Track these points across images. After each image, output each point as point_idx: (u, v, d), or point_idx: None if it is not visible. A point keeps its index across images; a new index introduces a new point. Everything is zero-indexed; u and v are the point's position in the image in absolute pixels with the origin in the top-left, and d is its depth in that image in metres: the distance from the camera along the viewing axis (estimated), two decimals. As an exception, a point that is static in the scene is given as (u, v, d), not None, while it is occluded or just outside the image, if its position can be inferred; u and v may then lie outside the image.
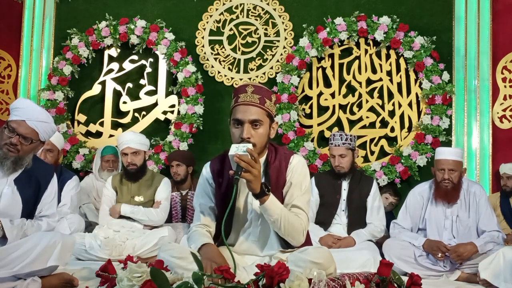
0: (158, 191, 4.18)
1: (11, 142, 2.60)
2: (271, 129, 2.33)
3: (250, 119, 2.24)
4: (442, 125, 5.14)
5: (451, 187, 3.62)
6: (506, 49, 5.33)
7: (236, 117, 2.26)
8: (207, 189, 2.43)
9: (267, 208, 2.21)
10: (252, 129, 2.24)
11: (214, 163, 2.45)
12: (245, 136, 2.21)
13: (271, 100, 2.31)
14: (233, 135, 2.28)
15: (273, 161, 2.36)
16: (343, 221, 3.95)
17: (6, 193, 2.67)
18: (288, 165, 2.37)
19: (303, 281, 1.87)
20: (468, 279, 3.46)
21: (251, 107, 2.25)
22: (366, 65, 5.43)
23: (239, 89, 2.31)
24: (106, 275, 2.13)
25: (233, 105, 2.31)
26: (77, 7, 5.85)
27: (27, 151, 2.67)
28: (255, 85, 2.32)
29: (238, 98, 2.29)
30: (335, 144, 3.97)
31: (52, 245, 2.58)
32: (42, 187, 2.80)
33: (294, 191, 2.35)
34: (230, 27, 5.66)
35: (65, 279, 2.71)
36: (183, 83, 5.49)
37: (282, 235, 2.29)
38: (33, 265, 2.52)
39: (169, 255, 2.20)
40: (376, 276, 2.00)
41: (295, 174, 2.37)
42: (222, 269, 1.89)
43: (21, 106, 2.68)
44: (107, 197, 4.15)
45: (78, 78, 5.75)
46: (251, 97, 2.26)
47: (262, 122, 2.26)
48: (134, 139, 4.09)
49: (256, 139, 2.24)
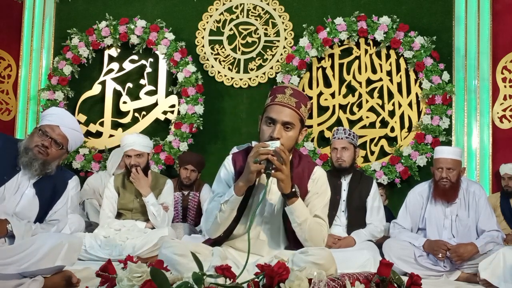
0: (164, 194, 4.17)
1: (42, 144, 2.65)
2: (300, 135, 2.34)
3: (284, 120, 2.25)
4: (442, 125, 5.14)
5: (449, 186, 3.62)
6: (506, 49, 5.34)
7: (270, 115, 2.26)
8: (229, 181, 2.40)
9: (294, 210, 2.23)
10: (283, 131, 2.25)
11: (238, 157, 2.43)
12: (275, 135, 2.22)
13: (306, 106, 2.33)
14: (262, 132, 2.28)
15: (297, 166, 2.37)
16: (342, 222, 3.95)
17: (27, 195, 2.71)
18: (311, 175, 2.39)
19: (303, 281, 1.87)
20: (468, 279, 3.46)
21: (286, 109, 2.26)
22: (366, 65, 5.44)
23: (278, 89, 2.33)
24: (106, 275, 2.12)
25: (268, 103, 2.31)
26: (77, 7, 5.85)
27: (55, 156, 2.73)
28: (294, 88, 2.34)
29: (275, 97, 2.30)
30: (338, 137, 3.97)
31: (59, 245, 2.60)
32: (58, 194, 2.86)
33: (316, 202, 2.37)
34: (230, 27, 5.66)
35: (67, 277, 2.75)
36: (183, 83, 5.49)
37: (303, 240, 2.30)
38: (39, 264, 2.55)
39: (170, 252, 2.19)
40: (376, 276, 2.00)
41: (319, 186, 2.38)
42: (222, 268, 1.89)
43: (55, 112, 2.78)
44: (109, 199, 4.14)
45: (78, 78, 5.75)
46: (288, 99, 2.27)
47: (294, 126, 2.27)
48: (139, 142, 4.09)
49: (285, 141, 2.24)
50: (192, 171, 4.64)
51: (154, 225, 4.05)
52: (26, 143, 2.69)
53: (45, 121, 2.73)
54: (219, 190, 2.40)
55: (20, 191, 2.71)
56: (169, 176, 4.65)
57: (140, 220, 4.10)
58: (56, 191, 2.84)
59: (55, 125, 2.69)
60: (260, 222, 2.38)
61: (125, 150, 4.12)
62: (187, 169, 4.66)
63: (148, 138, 4.23)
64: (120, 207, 4.13)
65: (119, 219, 4.10)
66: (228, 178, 2.40)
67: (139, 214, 4.11)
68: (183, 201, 4.67)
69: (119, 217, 4.12)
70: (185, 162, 4.71)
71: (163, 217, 4.02)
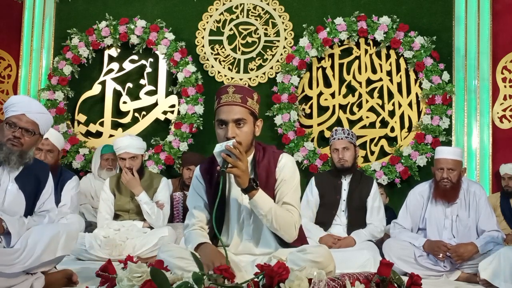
0: (159, 192, 4.17)
1: (14, 136, 2.61)
2: (256, 127, 2.37)
3: (234, 118, 2.27)
4: (442, 125, 5.14)
5: (450, 186, 3.62)
6: (506, 49, 5.34)
7: (220, 117, 2.29)
8: (200, 190, 2.46)
9: (256, 202, 2.24)
10: (236, 128, 2.27)
11: (204, 164, 2.50)
12: (230, 135, 2.25)
13: (253, 98, 2.35)
14: (218, 136, 2.32)
15: (262, 160, 2.39)
16: (343, 221, 3.94)
17: (10, 191, 2.69)
18: (278, 163, 2.40)
19: (303, 281, 1.87)
20: (468, 279, 3.46)
21: (233, 107, 2.29)
22: (366, 65, 5.44)
23: (221, 91, 2.35)
24: (106, 275, 2.13)
25: (216, 106, 2.35)
26: (77, 7, 5.85)
27: (30, 144, 2.68)
28: (236, 85, 2.36)
29: (220, 99, 2.33)
30: (338, 137, 3.97)
31: (56, 235, 2.62)
32: (42, 183, 2.82)
33: (284, 189, 2.38)
34: (230, 27, 5.66)
35: (68, 275, 2.78)
36: (183, 83, 5.49)
37: (274, 230, 2.31)
38: (42, 257, 2.56)
39: (168, 255, 2.20)
40: (376, 276, 2.00)
41: (285, 172, 2.39)
42: (221, 269, 1.89)
43: (17, 101, 2.70)
44: (105, 201, 4.13)
45: (78, 78, 5.75)
46: (232, 97, 2.30)
47: (246, 121, 2.30)
48: (132, 144, 4.07)
49: (241, 138, 2.27)
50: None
51: (150, 224, 4.05)
52: None
53: (9, 112, 2.67)
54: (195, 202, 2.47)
55: (2, 188, 2.67)
56: (169, 176, 4.65)
57: (137, 220, 4.10)
58: (39, 182, 2.80)
59: (21, 113, 2.64)
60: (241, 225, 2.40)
61: (118, 153, 4.11)
62: (190, 169, 4.66)
63: (141, 140, 4.22)
64: (117, 209, 4.13)
65: (116, 220, 4.10)
66: (199, 189, 2.47)
67: (136, 215, 4.10)
68: (184, 201, 4.66)
69: (116, 219, 4.12)
70: (189, 163, 4.72)
71: (158, 215, 4.02)
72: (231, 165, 2.15)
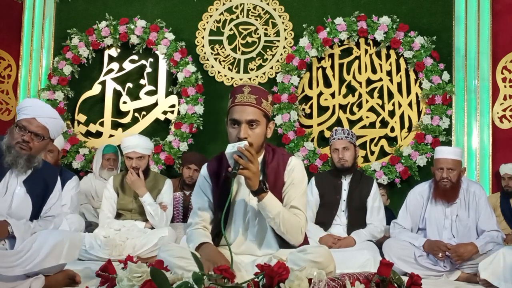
0: (163, 194, 4.17)
1: (23, 140, 2.61)
2: (268, 129, 2.36)
3: (247, 119, 2.26)
4: (442, 125, 5.14)
5: (449, 186, 3.63)
6: (506, 49, 5.33)
7: (233, 117, 2.28)
8: (206, 189, 2.45)
9: (265, 205, 2.23)
10: (249, 129, 2.26)
11: (211, 163, 2.48)
12: (242, 136, 2.24)
13: (267, 100, 2.34)
14: (230, 135, 2.31)
15: (271, 161, 2.38)
16: (343, 221, 3.95)
17: (18, 194, 2.69)
18: (286, 166, 2.39)
19: (303, 281, 1.87)
20: (468, 279, 3.46)
21: (248, 107, 2.28)
22: (366, 65, 5.44)
23: (236, 90, 2.35)
24: (106, 275, 2.13)
25: (230, 105, 2.34)
26: (77, 7, 5.85)
27: (39, 149, 2.68)
28: (251, 85, 2.35)
29: (235, 98, 2.32)
30: (338, 137, 3.97)
31: (60, 243, 2.62)
32: (50, 188, 2.83)
33: (292, 192, 2.37)
34: (230, 27, 5.66)
35: (70, 275, 2.78)
36: (183, 83, 5.49)
37: (280, 233, 2.30)
38: (44, 263, 2.57)
39: (169, 255, 2.21)
40: (376, 276, 2.00)
41: (294, 175, 2.38)
42: (222, 269, 1.89)
43: (29, 104, 2.70)
44: (108, 199, 4.13)
45: (78, 78, 5.75)
46: (248, 97, 2.29)
47: (259, 122, 2.29)
48: (140, 144, 4.08)
49: (253, 139, 2.26)
50: (195, 170, 4.64)
51: (152, 225, 4.05)
52: (7, 141, 2.64)
53: (21, 115, 2.67)
54: (200, 201, 2.45)
55: (10, 191, 2.68)
56: (169, 176, 4.65)
57: (140, 221, 4.10)
58: (47, 186, 2.80)
59: (32, 117, 2.64)
60: (246, 225, 2.39)
61: (126, 152, 4.11)
62: (190, 168, 4.67)
63: (149, 140, 4.23)
64: (119, 208, 4.13)
65: (118, 219, 4.10)
66: (205, 188, 2.45)
67: (138, 215, 4.11)
68: (184, 201, 4.67)
69: (118, 218, 4.12)
70: (188, 162, 4.72)
71: (161, 217, 4.02)
72: (243, 166, 2.14)
